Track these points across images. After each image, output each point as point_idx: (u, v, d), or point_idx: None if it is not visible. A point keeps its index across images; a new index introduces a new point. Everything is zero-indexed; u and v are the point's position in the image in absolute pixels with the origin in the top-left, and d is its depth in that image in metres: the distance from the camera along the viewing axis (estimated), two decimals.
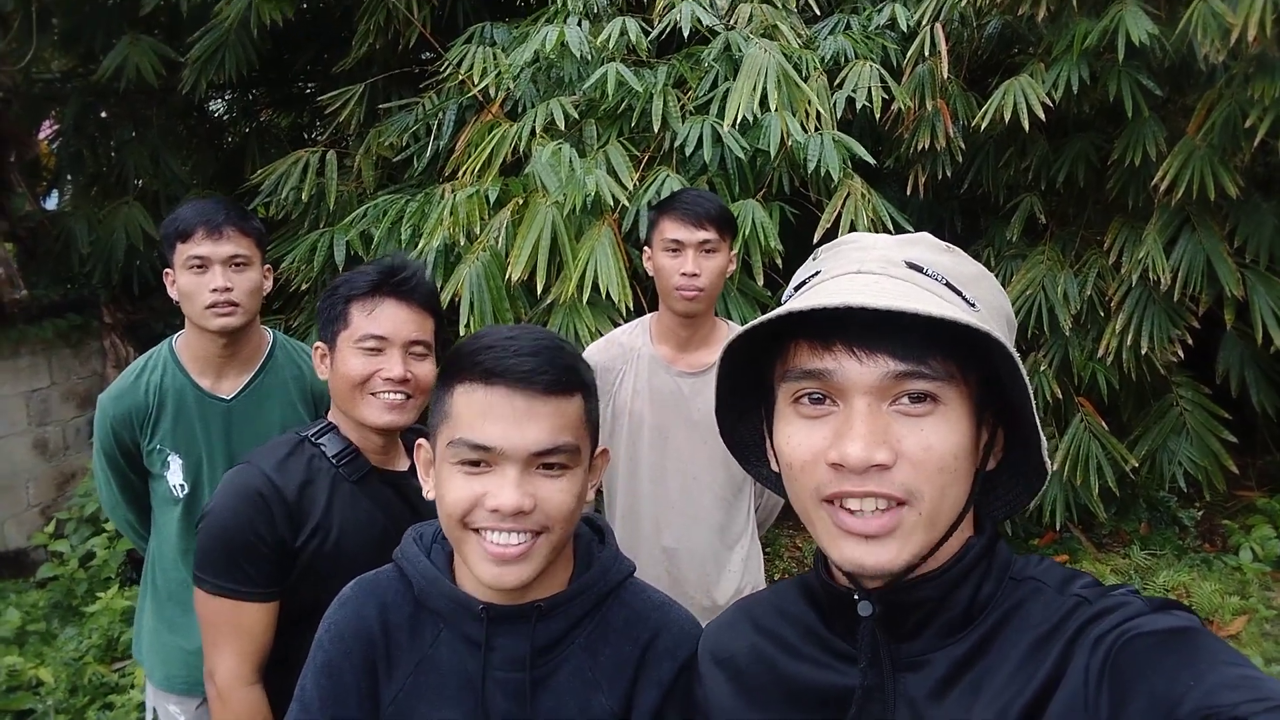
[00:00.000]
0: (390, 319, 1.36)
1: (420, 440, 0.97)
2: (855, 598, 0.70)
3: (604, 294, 2.69)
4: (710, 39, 3.18)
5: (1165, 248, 3.18)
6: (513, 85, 3.25)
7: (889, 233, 0.74)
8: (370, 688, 0.93)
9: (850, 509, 0.65)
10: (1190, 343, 3.29)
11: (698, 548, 1.93)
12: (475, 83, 3.17)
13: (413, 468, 1.29)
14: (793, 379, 0.68)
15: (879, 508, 0.64)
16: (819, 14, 3.57)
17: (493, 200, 2.91)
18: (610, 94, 2.94)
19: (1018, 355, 0.65)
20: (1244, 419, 3.70)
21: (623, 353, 1.96)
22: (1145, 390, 3.58)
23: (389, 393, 1.36)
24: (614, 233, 2.81)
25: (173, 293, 1.77)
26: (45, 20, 4.10)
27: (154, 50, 3.91)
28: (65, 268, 4.25)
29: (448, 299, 2.71)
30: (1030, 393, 0.66)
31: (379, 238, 3.10)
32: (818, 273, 0.72)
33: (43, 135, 4.84)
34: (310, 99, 4.78)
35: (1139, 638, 0.59)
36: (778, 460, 0.72)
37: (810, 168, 2.87)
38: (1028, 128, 3.04)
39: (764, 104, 2.82)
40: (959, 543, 0.70)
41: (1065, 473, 3.38)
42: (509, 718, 0.90)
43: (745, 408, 0.80)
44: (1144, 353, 3.24)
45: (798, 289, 0.74)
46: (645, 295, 2.80)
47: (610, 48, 3.06)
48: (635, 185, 2.85)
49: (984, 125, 3.13)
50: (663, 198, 2.11)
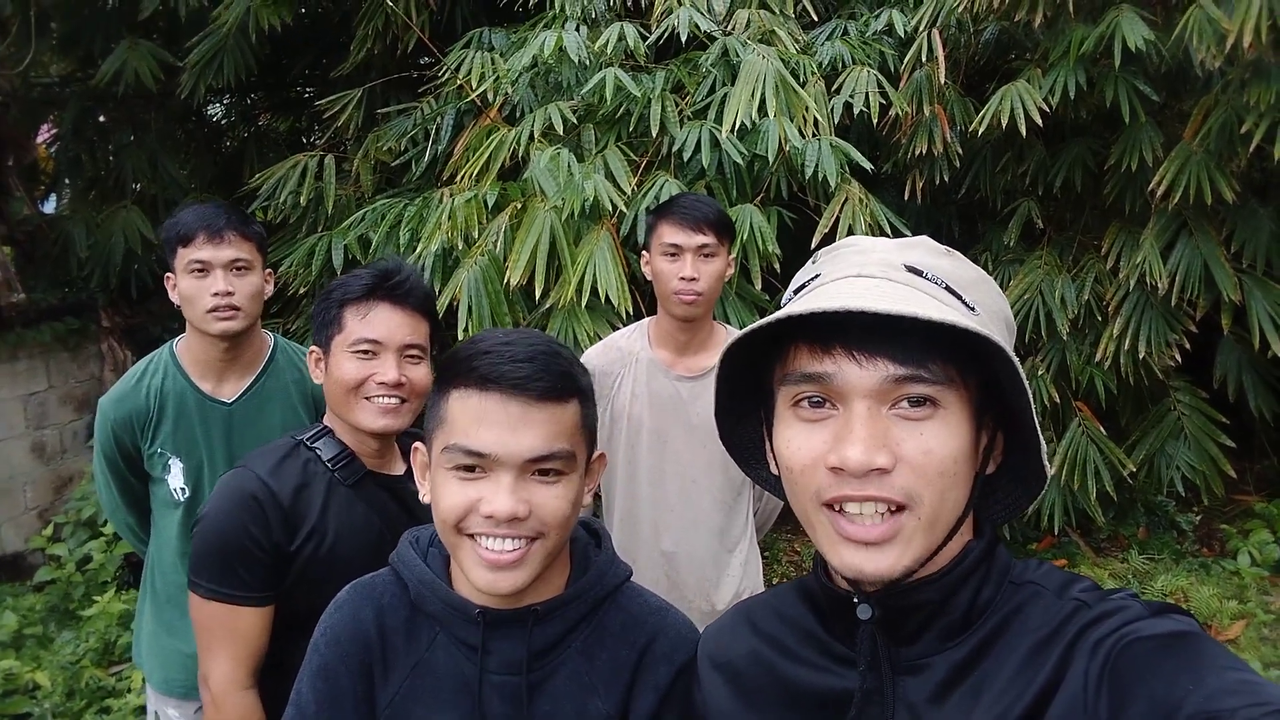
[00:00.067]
0: (384, 323, 1.36)
1: (416, 444, 0.97)
2: (854, 601, 0.70)
3: (603, 298, 2.69)
4: (708, 44, 3.18)
5: (1162, 252, 3.19)
6: (511, 90, 3.25)
7: (887, 237, 0.74)
8: (366, 691, 0.93)
9: (850, 514, 0.65)
10: (1188, 347, 3.29)
11: (697, 552, 1.93)
12: (473, 87, 3.17)
13: (409, 471, 1.29)
14: (792, 382, 0.68)
15: (879, 512, 0.64)
16: (816, 20, 3.58)
17: (491, 204, 2.92)
18: (608, 99, 2.95)
19: (1017, 360, 0.64)
20: (1242, 424, 3.71)
21: (621, 357, 1.96)
22: (1143, 395, 3.59)
23: (383, 397, 1.36)
24: (612, 237, 2.81)
25: (174, 297, 1.77)
26: (44, 24, 4.10)
27: (153, 55, 3.91)
28: (63, 271, 4.25)
29: (446, 303, 2.71)
30: (1030, 397, 0.65)
31: (377, 242, 3.10)
32: (817, 276, 0.72)
33: (41, 139, 4.84)
34: (309, 103, 4.78)
35: (1138, 642, 0.59)
36: (777, 463, 0.72)
37: (808, 173, 2.87)
38: (1025, 133, 3.04)
39: (762, 110, 2.83)
40: (958, 546, 0.70)
41: (1063, 477, 3.38)
42: None
43: (744, 411, 0.80)
44: (1142, 357, 3.24)
45: (797, 292, 0.74)
46: (644, 299, 2.80)
47: (608, 53, 3.06)
48: (633, 190, 2.85)
49: (981, 130, 3.14)
50: (661, 202, 2.11)
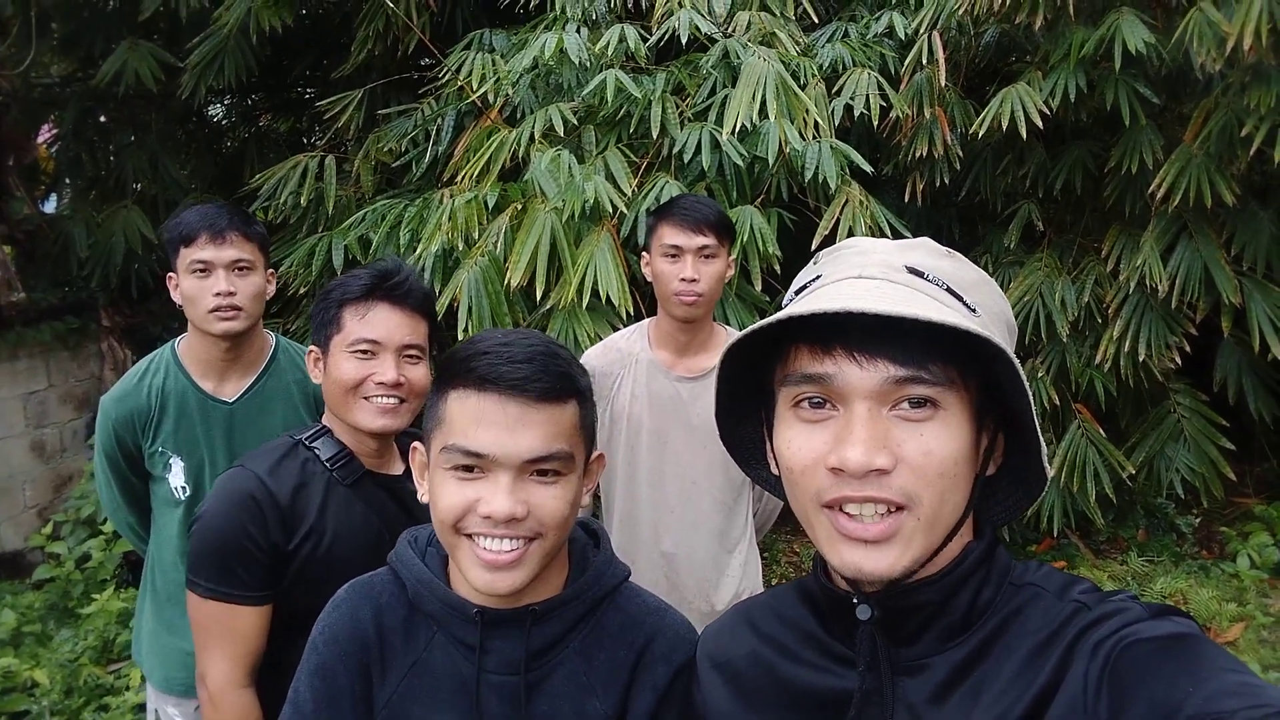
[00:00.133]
0: (383, 323, 1.36)
1: (415, 444, 0.97)
2: (854, 601, 0.70)
3: (603, 299, 2.69)
4: (708, 46, 3.18)
5: (1162, 255, 3.19)
6: (511, 91, 3.26)
7: (887, 239, 0.74)
8: (364, 690, 0.93)
9: (850, 513, 0.65)
10: (1188, 350, 3.29)
11: (696, 552, 1.93)
12: (474, 89, 3.17)
13: (407, 471, 1.29)
14: (793, 383, 0.68)
15: (878, 513, 0.64)
16: (817, 22, 3.58)
17: (491, 205, 2.92)
18: (609, 100, 2.95)
19: (1018, 361, 0.64)
20: (1241, 426, 3.70)
21: (621, 357, 1.96)
22: (1143, 397, 3.59)
23: (382, 397, 1.36)
24: (613, 238, 2.81)
25: (176, 296, 1.77)
26: (45, 25, 4.10)
27: (153, 55, 3.91)
28: (64, 271, 4.25)
29: (446, 304, 2.71)
30: (1030, 398, 0.65)
31: (377, 242, 3.10)
32: (818, 277, 0.72)
33: (42, 139, 4.85)
34: (309, 104, 4.79)
35: (1138, 644, 0.59)
36: (778, 464, 0.72)
37: (808, 175, 2.87)
38: (1025, 135, 3.04)
39: (763, 112, 2.83)
40: (958, 547, 0.70)
41: (1063, 479, 3.38)
42: None
43: (745, 412, 0.80)
44: (1141, 360, 3.24)
45: (798, 293, 0.74)
46: (644, 300, 2.80)
47: (609, 54, 3.06)
48: (634, 191, 2.85)
49: (982, 133, 3.14)
50: (661, 203, 2.11)
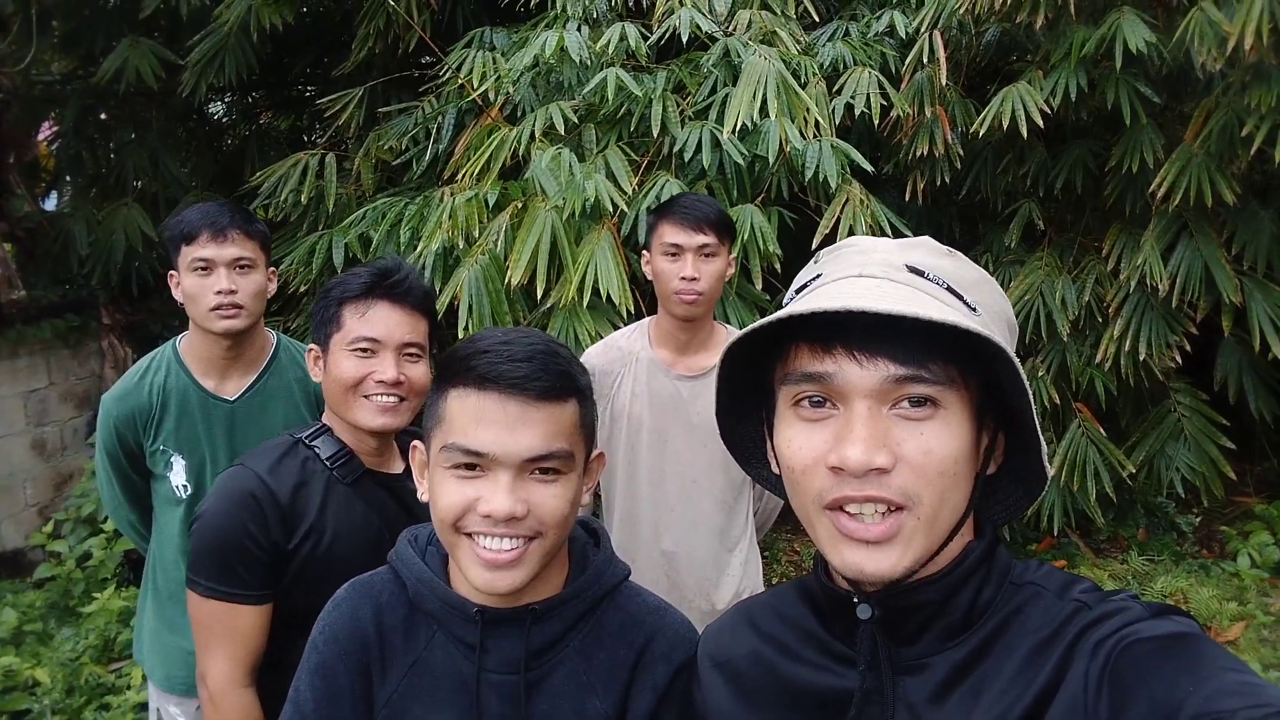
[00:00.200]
0: (383, 321, 1.36)
1: (415, 443, 0.97)
2: (854, 601, 0.70)
3: (604, 298, 2.69)
4: (709, 45, 3.18)
5: (1163, 254, 3.19)
6: (512, 89, 3.25)
7: (888, 238, 0.74)
8: (364, 689, 0.93)
9: (850, 513, 0.65)
10: (1188, 349, 3.29)
11: (697, 551, 1.93)
12: (475, 87, 3.17)
13: (408, 470, 1.29)
14: (793, 382, 0.68)
15: (879, 512, 0.64)
16: (817, 20, 3.57)
17: (492, 204, 2.91)
18: (610, 99, 2.95)
19: (1018, 360, 0.64)
20: (1242, 425, 3.70)
21: (621, 356, 1.96)
22: (1143, 396, 3.58)
23: (382, 395, 1.36)
24: (613, 237, 2.81)
25: (177, 294, 1.77)
26: (45, 22, 4.10)
27: (154, 53, 3.91)
28: (64, 269, 4.25)
29: (446, 302, 2.71)
30: (1030, 398, 0.65)
31: (378, 240, 3.10)
32: (819, 276, 0.72)
33: (42, 137, 4.85)
34: (310, 102, 4.78)
35: (1138, 643, 0.59)
36: (778, 463, 0.72)
37: (809, 174, 2.87)
38: (1026, 134, 3.04)
39: (763, 111, 2.82)
40: (959, 547, 0.70)
41: (1063, 478, 3.38)
42: None
43: (745, 410, 0.80)
44: (1142, 359, 3.24)
45: (799, 292, 0.74)
46: (645, 299, 2.80)
47: (610, 53, 3.06)
48: (634, 190, 2.85)
49: (982, 132, 3.14)
50: (661, 202, 2.10)
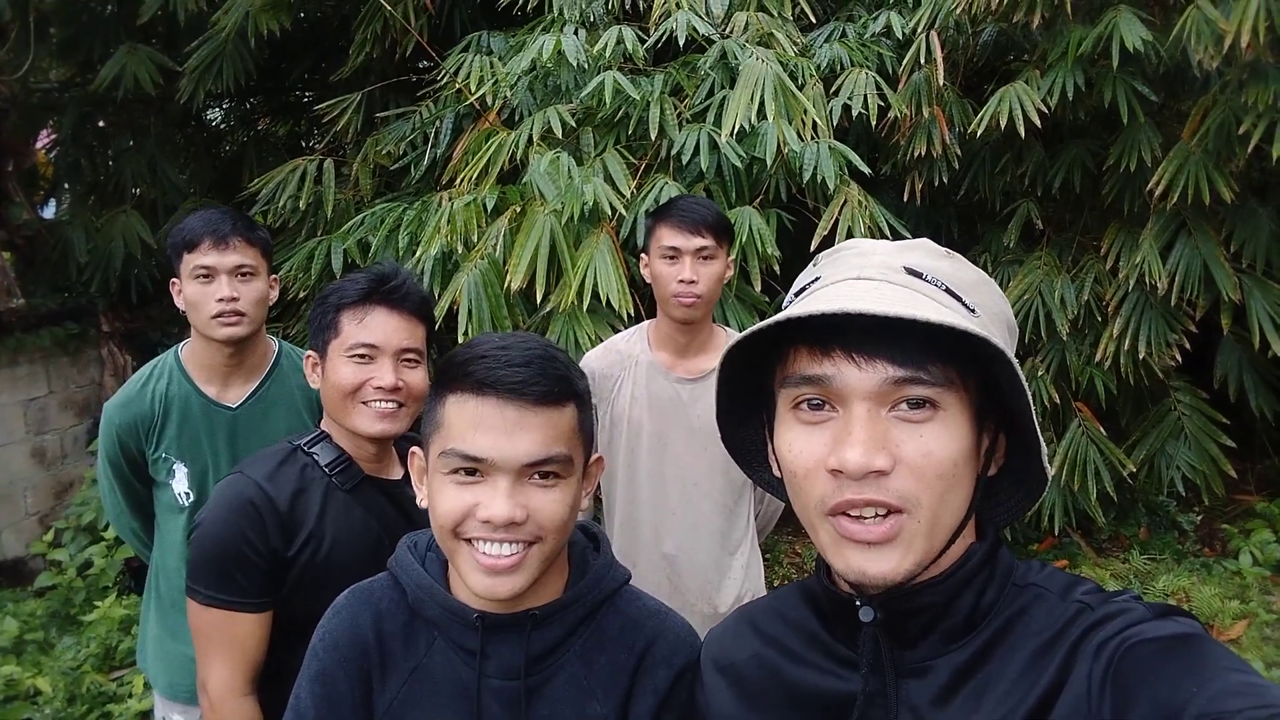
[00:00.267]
0: (381, 327, 1.36)
1: (414, 448, 0.97)
2: (857, 604, 0.69)
3: (604, 301, 2.68)
4: (706, 47, 3.18)
5: (1162, 253, 3.19)
6: (510, 94, 3.25)
7: (886, 239, 0.74)
8: (364, 696, 0.93)
9: (852, 515, 0.65)
10: (1188, 347, 3.29)
11: (698, 555, 1.92)
12: (472, 91, 3.17)
13: (407, 476, 1.29)
14: (792, 385, 0.68)
15: (878, 514, 0.64)
16: (814, 22, 3.58)
17: (490, 208, 2.91)
18: (607, 102, 2.95)
19: (1016, 362, 0.64)
20: (1242, 423, 3.70)
21: (621, 359, 1.96)
22: (1143, 395, 3.58)
23: (381, 401, 1.35)
24: (612, 240, 2.81)
25: (179, 302, 1.77)
26: (43, 29, 4.10)
27: (152, 59, 3.91)
28: (63, 276, 4.25)
29: (446, 307, 2.70)
30: (1030, 399, 0.65)
31: (376, 246, 3.10)
32: (817, 278, 0.72)
33: (40, 144, 4.85)
34: (308, 108, 4.79)
35: (1141, 644, 0.59)
36: (779, 466, 0.72)
37: (807, 176, 2.87)
38: (1024, 134, 3.04)
39: (761, 113, 2.82)
40: (961, 549, 0.69)
41: (1063, 478, 3.38)
42: None
43: (746, 413, 0.80)
44: (1141, 357, 3.24)
45: (798, 295, 0.74)
46: (644, 302, 2.80)
47: (607, 56, 3.06)
48: (633, 193, 2.85)
49: (980, 132, 3.14)
50: (660, 205, 2.10)
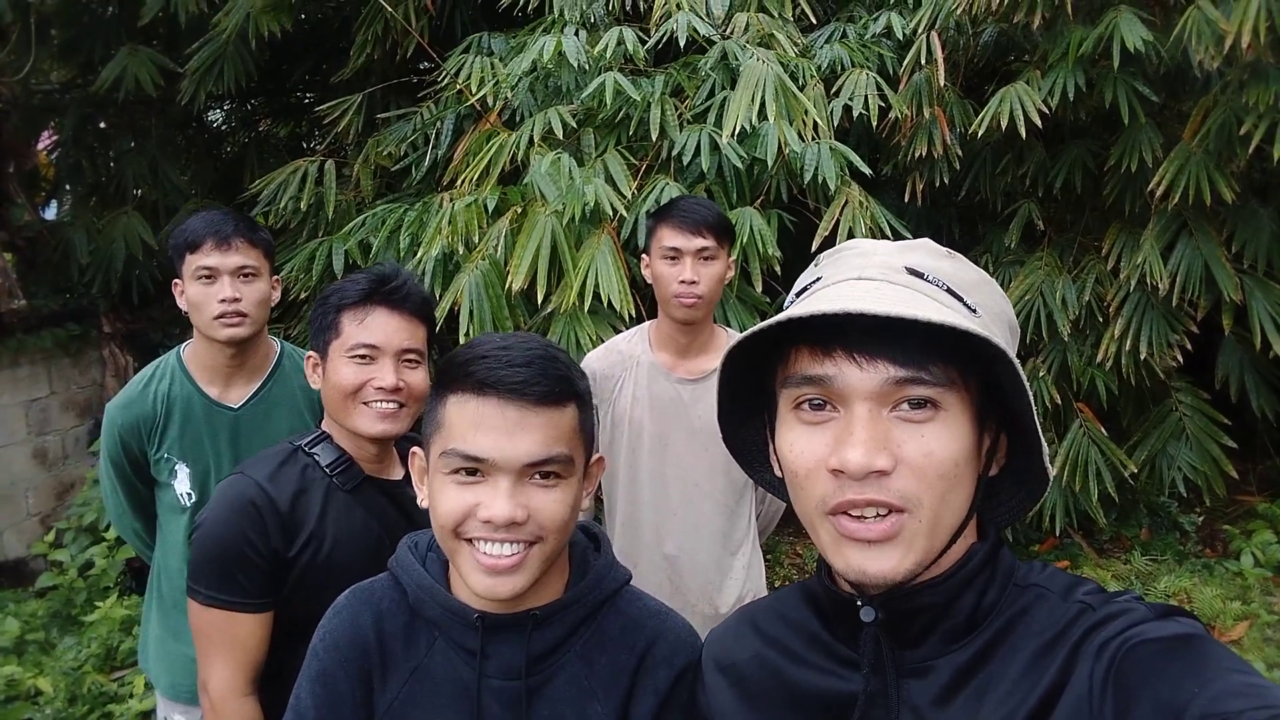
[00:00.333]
0: (382, 328, 1.36)
1: (414, 449, 0.96)
2: (858, 604, 0.69)
3: (605, 302, 2.68)
4: (707, 48, 3.18)
5: (1163, 253, 3.18)
6: (510, 95, 3.25)
7: (887, 239, 0.74)
8: (365, 696, 0.93)
9: (852, 515, 0.65)
10: (1189, 348, 3.28)
11: (699, 555, 1.92)
12: (473, 92, 3.17)
13: (407, 476, 1.29)
14: (793, 385, 0.68)
15: (879, 514, 0.64)
16: (815, 23, 3.58)
17: (491, 209, 2.91)
18: (608, 103, 2.95)
19: (1018, 362, 0.64)
20: (1244, 424, 3.70)
21: (622, 360, 1.96)
22: (1144, 395, 3.58)
23: (382, 402, 1.36)
24: (613, 241, 2.81)
25: (181, 303, 1.77)
26: (44, 31, 4.11)
27: (153, 61, 3.91)
28: (64, 277, 4.26)
29: (447, 308, 2.70)
30: (1031, 399, 0.65)
31: (377, 247, 3.10)
32: (819, 279, 0.72)
33: (42, 145, 4.85)
34: (309, 109, 4.79)
35: (1143, 645, 0.59)
36: (780, 466, 0.72)
37: (807, 177, 2.87)
38: (1025, 134, 3.04)
39: (762, 114, 2.83)
40: (962, 549, 0.69)
41: (1065, 478, 3.38)
42: None
43: (747, 413, 0.80)
44: (1143, 358, 3.23)
45: (799, 295, 0.74)
46: (645, 303, 2.80)
47: (607, 57, 3.06)
48: (634, 193, 2.85)
49: (981, 132, 3.14)
50: (661, 205, 2.10)
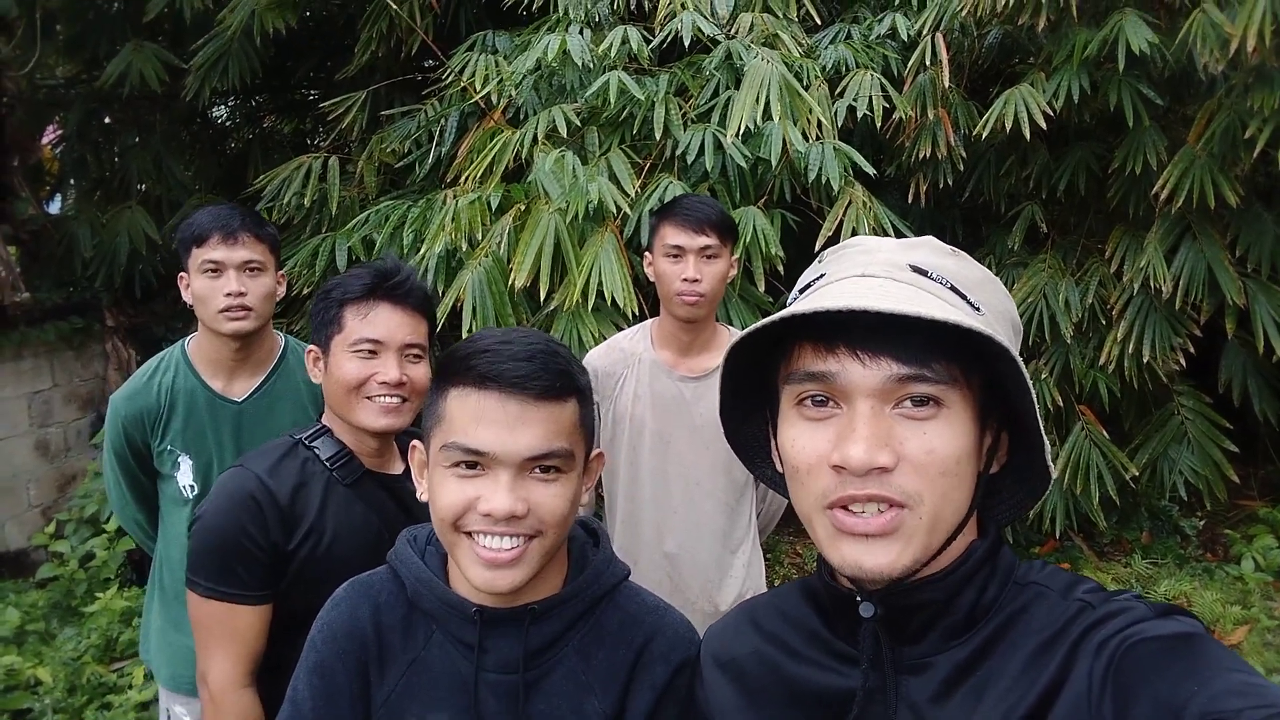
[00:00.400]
0: (384, 322, 1.36)
1: (414, 442, 0.97)
2: (857, 599, 0.69)
3: (608, 300, 2.69)
4: (711, 48, 3.18)
5: (1166, 256, 3.18)
6: (515, 93, 3.26)
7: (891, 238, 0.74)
8: (362, 689, 0.93)
9: (851, 510, 0.65)
10: (1192, 351, 3.28)
11: (700, 553, 1.92)
12: (477, 90, 3.18)
13: (407, 471, 1.29)
14: (796, 381, 0.68)
15: (879, 510, 0.64)
16: (819, 23, 3.58)
17: (494, 206, 2.92)
18: (612, 102, 2.95)
19: (1021, 360, 0.64)
20: (1246, 428, 3.69)
21: (624, 358, 1.96)
22: (1146, 399, 3.57)
23: (385, 396, 1.36)
24: (616, 239, 2.81)
25: (187, 296, 1.78)
26: (49, 27, 4.12)
27: (158, 57, 3.93)
28: (68, 271, 4.27)
29: (450, 304, 2.71)
30: (1033, 397, 0.65)
31: (381, 243, 3.11)
32: (822, 275, 0.72)
33: (46, 140, 4.86)
34: (313, 105, 4.79)
35: (1143, 643, 0.59)
36: (782, 462, 0.72)
37: (811, 176, 2.87)
38: (1029, 136, 3.03)
39: (766, 114, 2.83)
40: (962, 546, 0.69)
41: (1066, 481, 3.37)
42: None
43: (749, 409, 0.80)
44: (1145, 361, 3.23)
45: (802, 291, 0.74)
46: (648, 301, 2.80)
47: (612, 56, 3.07)
48: (637, 192, 2.85)
49: (985, 134, 3.13)
50: (664, 204, 2.11)
